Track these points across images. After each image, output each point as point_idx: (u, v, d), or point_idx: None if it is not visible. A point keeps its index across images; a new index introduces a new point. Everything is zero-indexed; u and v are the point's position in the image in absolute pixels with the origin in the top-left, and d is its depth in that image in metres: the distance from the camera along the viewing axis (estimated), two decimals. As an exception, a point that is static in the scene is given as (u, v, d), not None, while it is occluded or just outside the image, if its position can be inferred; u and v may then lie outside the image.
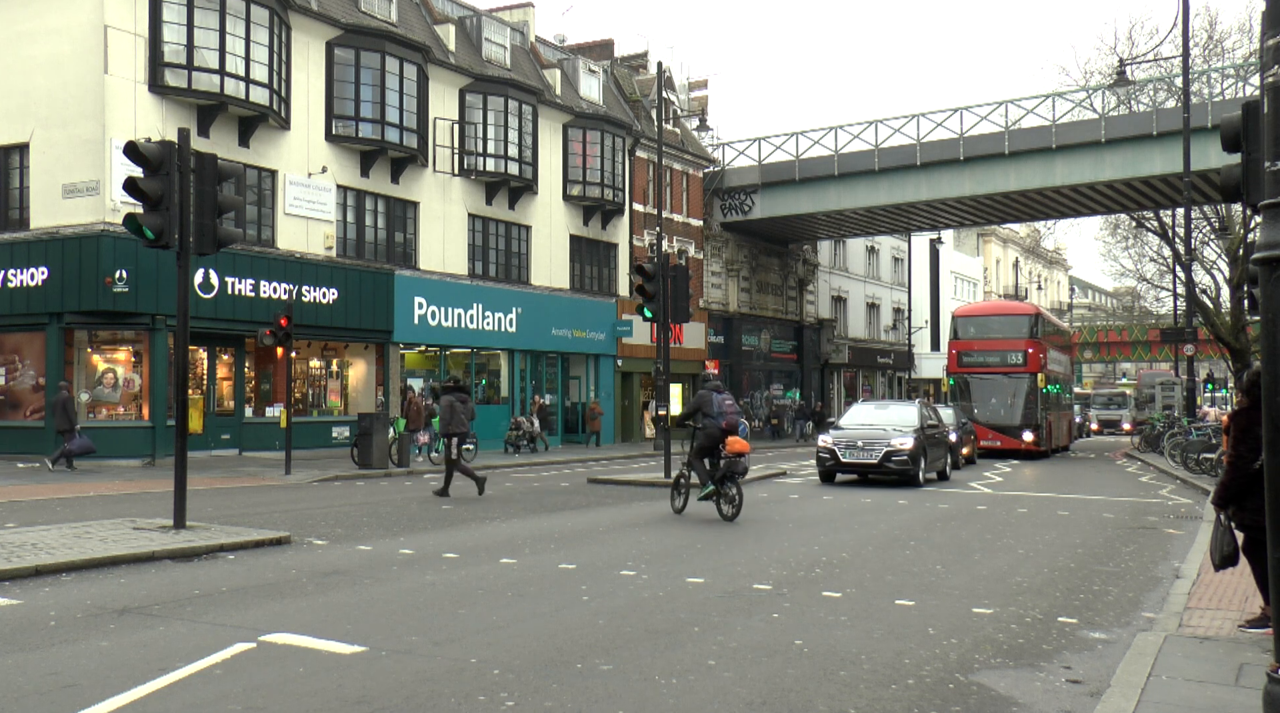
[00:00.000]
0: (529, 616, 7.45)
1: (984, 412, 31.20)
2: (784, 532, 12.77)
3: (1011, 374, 31.26)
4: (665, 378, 22.57)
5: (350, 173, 27.62)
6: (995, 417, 31.14)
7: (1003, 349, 31.59)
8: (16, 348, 23.76)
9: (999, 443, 30.72)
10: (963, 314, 34.09)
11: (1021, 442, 30.57)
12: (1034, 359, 31.22)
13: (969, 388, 31.91)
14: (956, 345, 32.76)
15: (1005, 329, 32.18)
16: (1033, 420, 30.68)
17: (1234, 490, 7.17)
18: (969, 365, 32.08)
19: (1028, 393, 30.90)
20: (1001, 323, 32.77)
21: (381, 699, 5.34)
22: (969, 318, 33.64)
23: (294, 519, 13.26)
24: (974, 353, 32.08)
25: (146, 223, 11.04)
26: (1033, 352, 31.30)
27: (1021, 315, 33.12)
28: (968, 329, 32.83)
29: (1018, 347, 31.48)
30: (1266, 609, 7.20)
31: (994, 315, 33.96)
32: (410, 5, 31.38)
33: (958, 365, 32.34)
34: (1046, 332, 33.60)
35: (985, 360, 31.81)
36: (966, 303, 56.26)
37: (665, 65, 41.11)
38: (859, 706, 5.41)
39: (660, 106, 26.17)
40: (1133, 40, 45.31)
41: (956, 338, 32.88)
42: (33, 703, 5.27)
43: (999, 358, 31.56)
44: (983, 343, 32.15)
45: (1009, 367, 31.34)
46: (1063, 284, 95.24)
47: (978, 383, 31.71)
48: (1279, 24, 4.75)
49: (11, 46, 23.40)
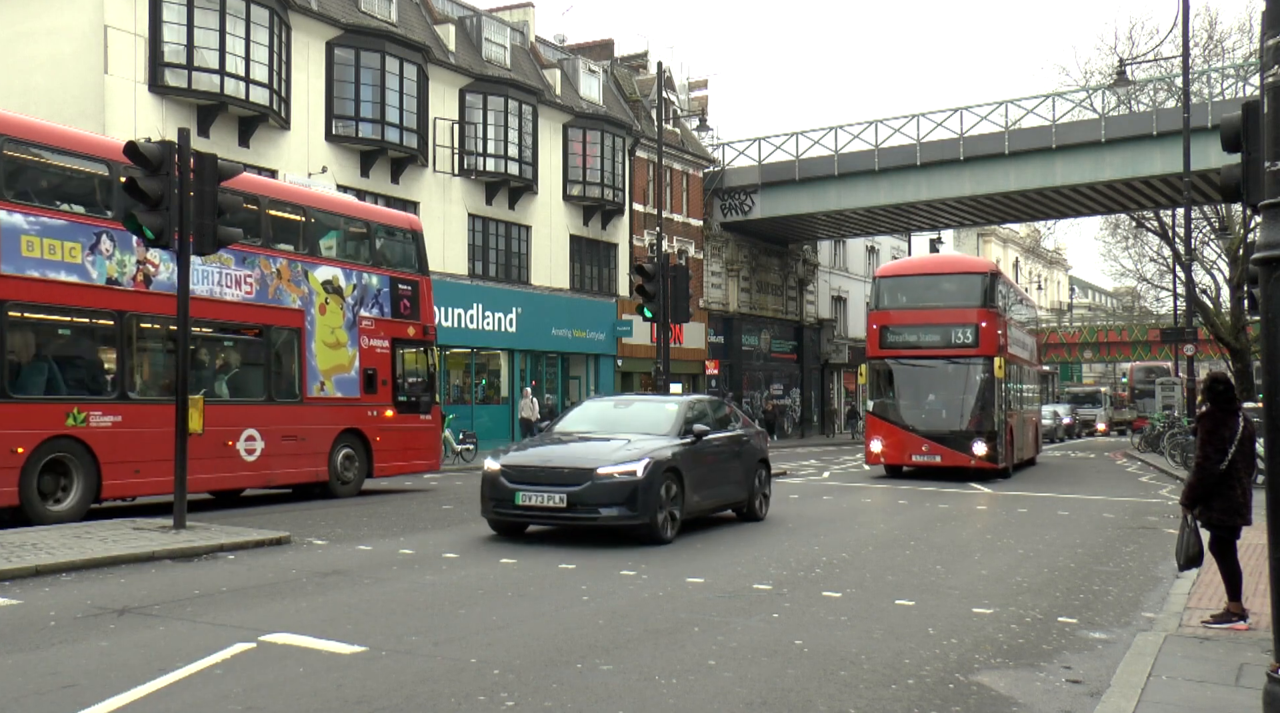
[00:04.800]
0: (529, 616, 7.45)
1: (916, 414, 22.41)
2: (783, 532, 12.76)
3: (957, 359, 22.00)
4: (665, 378, 22.55)
5: (350, 173, 27.62)
6: (933, 421, 22.18)
7: (945, 323, 22.32)
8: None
9: (938, 458, 21.87)
10: (889, 274, 24.29)
11: (970, 456, 21.49)
12: (989, 337, 22.00)
13: (895, 380, 22.93)
14: (879, 318, 23.24)
15: (949, 294, 22.86)
16: (987, 426, 21.63)
17: (1201, 491, 7.23)
18: (896, 347, 22.73)
19: (981, 386, 21.80)
20: (943, 286, 23.20)
21: (381, 699, 5.34)
22: (897, 279, 23.77)
23: (294, 519, 13.26)
24: (903, 329, 22.79)
25: (146, 223, 11.04)
26: (987, 327, 22.02)
27: (972, 274, 23.25)
28: (895, 295, 23.37)
29: (966, 319, 22.13)
30: (1231, 606, 7.25)
31: (933, 274, 23.92)
32: (410, 5, 31.38)
33: (880, 346, 22.93)
34: (1009, 302, 24.96)
35: (919, 340, 22.52)
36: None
37: (665, 65, 41.11)
38: (859, 706, 5.41)
39: (660, 106, 26.21)
40: (1133, 40, 45.34)
41: (879, 307, 23.39)
42: (32, 703, 5.26)
43: (939, 336, 22.29)
44: (917, 315, 22.77)
45: (954, 349, 22.07)
46: (1063, 284, 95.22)
47: (908, 373, 22.71)
48: (1279, 24, 4.75)
49: (11, 46, 23.40)
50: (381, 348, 17.65)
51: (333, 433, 16.62)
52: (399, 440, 17.89)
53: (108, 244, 13.28)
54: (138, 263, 13.64)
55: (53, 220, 12.73)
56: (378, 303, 17.66)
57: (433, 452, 19.07)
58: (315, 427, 16.34)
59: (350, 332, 17.08)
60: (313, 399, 16.33)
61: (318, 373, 16.43)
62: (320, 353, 16.47)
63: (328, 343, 16.62)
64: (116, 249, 13.33)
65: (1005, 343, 22.98)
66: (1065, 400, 59.40)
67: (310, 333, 16.30)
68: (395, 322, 18.00)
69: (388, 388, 17.72)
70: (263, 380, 15.68)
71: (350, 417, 17.00)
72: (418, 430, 18.44)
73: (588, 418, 12.98)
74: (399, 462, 18.05)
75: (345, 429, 16.85)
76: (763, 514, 13.89)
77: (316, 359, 16.41)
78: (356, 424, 17.08)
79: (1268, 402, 4.79)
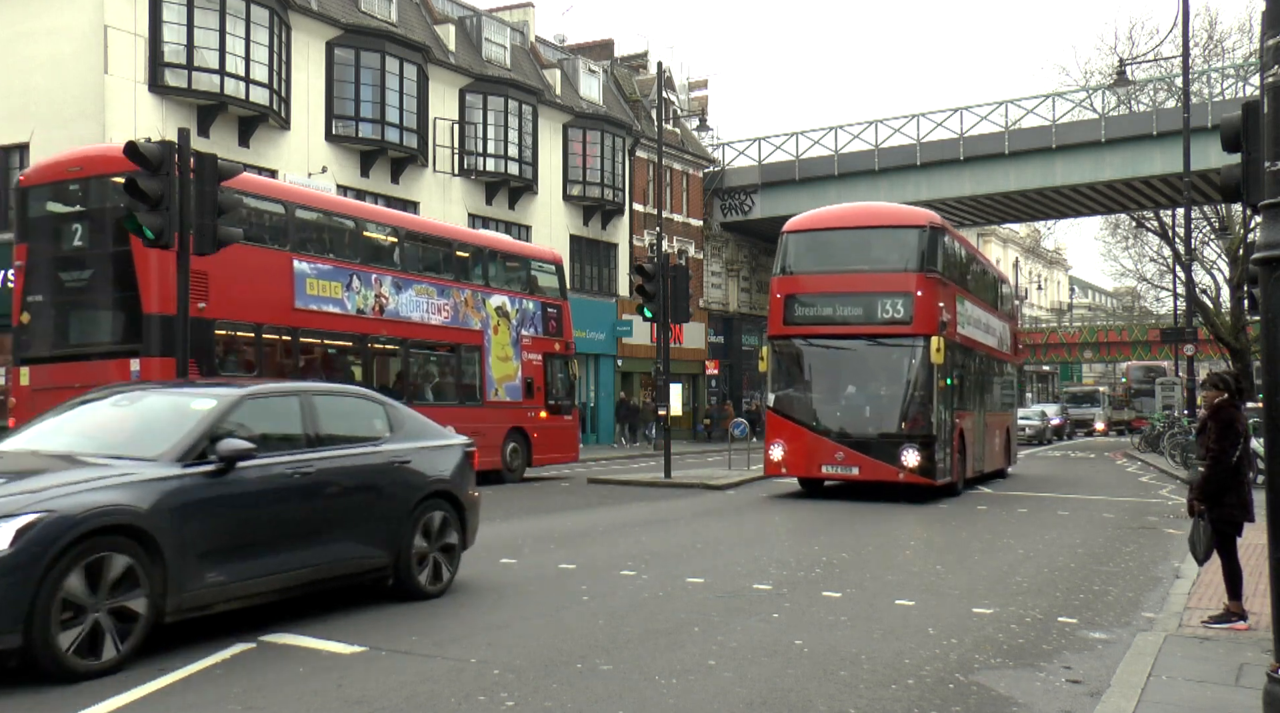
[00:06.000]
0: (529, 616, 7.45)
1: (829, 411, 17.33)
2: (783, 532, 12.76)
3: (884, 339, 16.99)
4: (665, 378, 22.62)
5: (350, 173, 27.62)
6: (851, 421, 17.19)
7: (868, 292, 17.21)
8: None
9: (856, 470, 16.89)
10: (799, 227, 18.54)
11: (898, 469, 16.51)
12: (926, 310, 16.78)
13: (803, 367, 17.74)
14: (784, 285, 17.97)
15: (875, 254, 17.71)
16: (922, 428, 16.54)
17: (1216, 485, 7.19)
18: (805, 323, 17.59)
19: (916, 376, 16.66)
20: (868, 242, 17.93)
21: (381, 699, 5.34)
22: (809, 235, 18.32)
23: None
24: (815, 300, 17.67)
25: (146, 223, 11.04)
26: (925, 297, 16.83)
27: (905, 227, 17.77)
28: (806, 255, 18.13)
29: (896, 286, 17.05)
30: (1231, 606, 7.25)
31: (855, 228, 18.30)
32: (410, 5, 31.39)
33: (785, 322, 17.73)
34: (955, 264, 18.76)
35: (835, 313, 17.46)
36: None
37: (665, 65, 41.13)
38: (859, 706, 5.41)
39: (660, 106, 26.20)
40: (1133, 40, 45.33)
41: (785, 271, 18.12)
42: (32, 703, 5.26)
43: (861, 308, 17.22)
44: (833, 280, 17.70)
45: (880, 325, 17.01)
46: (1063, 284, 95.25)
47: (820, 357, 17.59)
48: (1279, 24, 4.75)
49: (11, 46, 23.39)
50: (536, 361, 21.24)
51: (503, 430, 20.05)
52: (550, 437, 21.41)
53: (356, 282, 16.97)
54: (375, 296, 17.32)
55: (324, 266, 16.42)
56: (533, 323, 21.32)
57: (574, 446, 22.67)
58: (492, 425, 19.51)
59: (515, 347, 20.68)
60: (490, 403, 19.87)
61: (493, 381, 20.00)
62: (494, 365, 20.06)
63: (499, 357, 20.19)
64: (362, 286, 17.07)
65: (952, 320, 17.82)
66: (1064, 400, 59.30)
67: (487, 349, 19.91)
68: (546, 339, 21.66)
69: (541, 394, 21.31)
70: (455, 388, 19.26)
71: (515, 417, 20.51)
72: (564, 429, 22.06)
73: (64, 427, 7.34)
74: (551, 455, 21.54)
75: (512, 427, 20.33)
76: (437, 586, 8.12)
77: (492, 370, 19.99)
78: (520, 423, 20.58)
79: (1268, 402, 4.79)
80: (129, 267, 13.75)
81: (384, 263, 17.85)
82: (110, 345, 14.17)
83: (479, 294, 19.87)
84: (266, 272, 15.30)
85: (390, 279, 17.66)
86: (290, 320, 15.67)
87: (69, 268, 14.51)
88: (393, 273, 17.81)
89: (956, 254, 19.11)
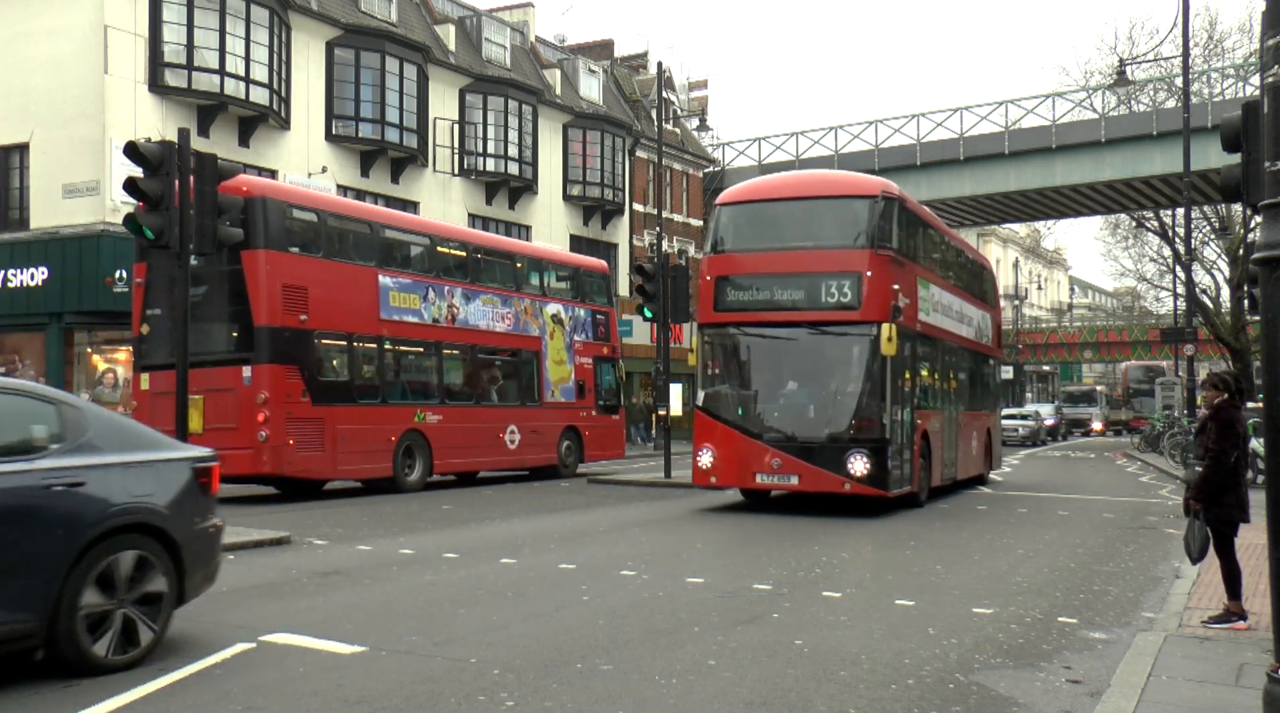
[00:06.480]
0: (529, 616, 7.45)
1: (765, 411, 15.05)
2: (782, 532, 12.75)
3: (829, 327, 14.70)
4: (665, 378, 22.69)
5: (350, 173, 27.62)
6: (790, 422, 14.81)
7: (810, 272, 14.79)
8: (16, 348, 23.75)
9: (795, 479, 14.52)
10: (733, 199, 16.11)
11: (844, 478, 14.13)
12: (878, 293, 14.41)
13: (737, 359, 15.56)
14: (717, 265, 15.53)
15: (819, 229, 15.17)
16: (872, 430, 14.22)
17: (1215, 485, 7.20)
18: (739, 309, 15.25)
19: (867, 370, 14.39)
20: (812, 216, 15.37)
21: (381, 699, 5.34)
22: (745, 208, 15.90)
23: (294, 519, 13.26)
24: (750, 281, 15.35)
25: (146, 223, 11.04)
26: (876, 277, 14.43)
27: (854, 198, 15.25)
28: (741, 230, 15.70)
29: (842, 265, 14.64)
30: (1231, 606, 7.25)
31: (797, 199, 15.72)
32: (410, 5, 31.38)
33: (717, 308, 15.32)
34: (917, 241, 16.54)
35: (773, 297, 15.16)
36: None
37: (665, 65, 41.11)
38: (859, 706, 5.41)
39: (660, 106, 26.22)
40: (1133, 40, 45.37)
41: (717, 249, 15.66)
42: (33, 703, 5.27)
43: (802, 291, 14.84)
44: (770, 259, 15.30)
45: (823, 310, 14.67)
46: (1063, 284, 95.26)
47: (755, 348, 15.32)
48: (1279, 24, 4.75)
49: (11, 46, 23.38)
50: (587, 364, 22.63)
51: (559, 429, 21.61)
52: (600, 435, 22.97)
53: (432, 294, 18.45)
54: (447, 306, 18.78)
55: (404, 280, 17.94)
56: (584, 329, 22.70)
57: (620, 444, 24.18)
58: (549, 424, 21.28)
59: (568, 352, 22.09)
60: (547, 404, 21.30)
61: (549, 383, 21.44)
62: (551, 368, 21.48)
63: (555, 361, 21.62)
64: (436, 297, 18.53)
65: (912, 304, 15.50)
66: (1060, 400, 59.28)
67: (544, 354, 21.32)
68: (595, 343, 23.07)
69: (592, 395, 22.73)
70: (517, 390, 20.71)
71: (569, 417, 21.98)
72: (612, 428, 23.61)
73: None
74: (600, 452, 23.05)
75: (566, 426, 21.82)
76: (128, 654, 5.89)
77: (549, 373, 21.41)
78: (573, 422, 22.04)
79: (1268, 402, 4.79)
80: (241, 284, 15.46)
81: (455, 276, 19.43)
82: (225, 354, 15.68)
83: (536, 303, 21.32)
84: (356, 286, 16.98)
85: (460, 291, 19.26)
86: (376, 329, 17.31)
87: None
88: (462, 285, 19.39)
89: (919, 230, 16.77)
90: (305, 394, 15.77)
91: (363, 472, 17.06)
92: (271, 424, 15.20)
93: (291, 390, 15.56)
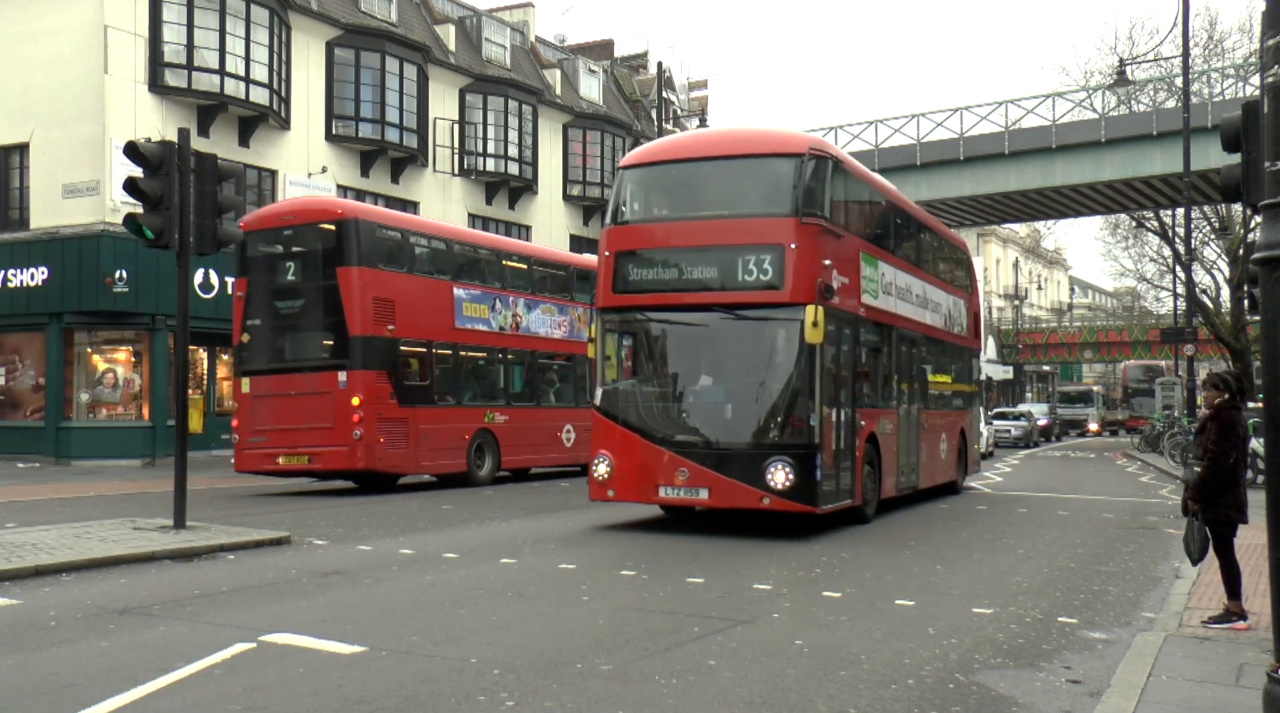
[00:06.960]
0: (529, 616, 7.45)
1: (671, 412, 12.62)
2: (781, 531, 12.74)
3: (745, 310, 12.30)
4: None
5: (350, 173, 27.62)
6: (701, 425, 12.38)
7: (724, 245, 12.38)
8: (17, 348, 23.77)
9: (704, 493, 12.04)
10: (638, 161, 13.56)
11: (762, 492, 11.66)
12: (804, 268, 11.86)
13: (639, 351, 13.20)
14: (616, 239, 13.02)
15: (733, 191, 12.89)
16: (796, 436, 11.76)
17: (1213, 485, 7.21)
18: (641, 290, 12.79)
19: (793, 361, 11.85)
20: (727, 179, 12.96)
21: (381, 699, 5.33)
22: (651, 169, 13.43)
23: (294, 519, 13.26)
24: (655, 256, 12.92)
25: (146, 223, 11.03)
26: (801, 250, 11.88)
27: (775, 156, 12.68)
28: (646, 198, 13.43)
29: (760, 236, 12.17)
30: (1231, 606, 7.25)
31: (707, 159, 13.19)
32: (410, 5, 31.39)
33: (616, 290, 12.87)
34: (860, 209, 14.32)
35: (681, 276, 12.66)
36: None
37: (665, 65, 41.08)
38: (859, 706, 5.41)
39: (660, 106, 26.25)
40: (1133, 40, 45.37)
41: (619, 221, 13.15)
42: (32, 703, 5.26)
43: (714, 268, 12.43)
44: (678, 229, 12.94)
45: (738, 291, 12.23)
46: (1063, 284, 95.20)
47: (661, 337, 12.99)
48: (1279, 24, 4.75)
49: (11, 46, 23.40)
50: None
51: None
52: None
53: (499, 304, 19.87)
54: (512, 315, 20.15)
55: (475, 292, 19.34)
56: None
57: None
58: None
59: None
60: None
61: None
62: None
63: None
64: (502, 307, 19.94)
65: (851, 284, 13.01)
66: (1055, 400, 59.27)
67: None
68: None
69: None
70: (572, 392, 21.82)
71: None
72: None
73: None
74: None
75: None
76: None
77: None
78: None
79: (1268, 402, 4.79)
80: (336, 297, 16.71)
81: (518, 287, 20.72)
82: (321, 360, 17.10)
83: (589, 311, 22.11)
84: (434, 298, 18.28)
85: (523, 301, 20.60)
86: (451, 337, 18.68)
87: (284, 297, 17.56)
88: (525, 296, 20.73)
89: (864, 198, 14.30)
90: (393, 396, 17.06)
91: (440, 467, 18.38)
92: (365, 424, 16.49)
93: (381, 393, 16.85)
